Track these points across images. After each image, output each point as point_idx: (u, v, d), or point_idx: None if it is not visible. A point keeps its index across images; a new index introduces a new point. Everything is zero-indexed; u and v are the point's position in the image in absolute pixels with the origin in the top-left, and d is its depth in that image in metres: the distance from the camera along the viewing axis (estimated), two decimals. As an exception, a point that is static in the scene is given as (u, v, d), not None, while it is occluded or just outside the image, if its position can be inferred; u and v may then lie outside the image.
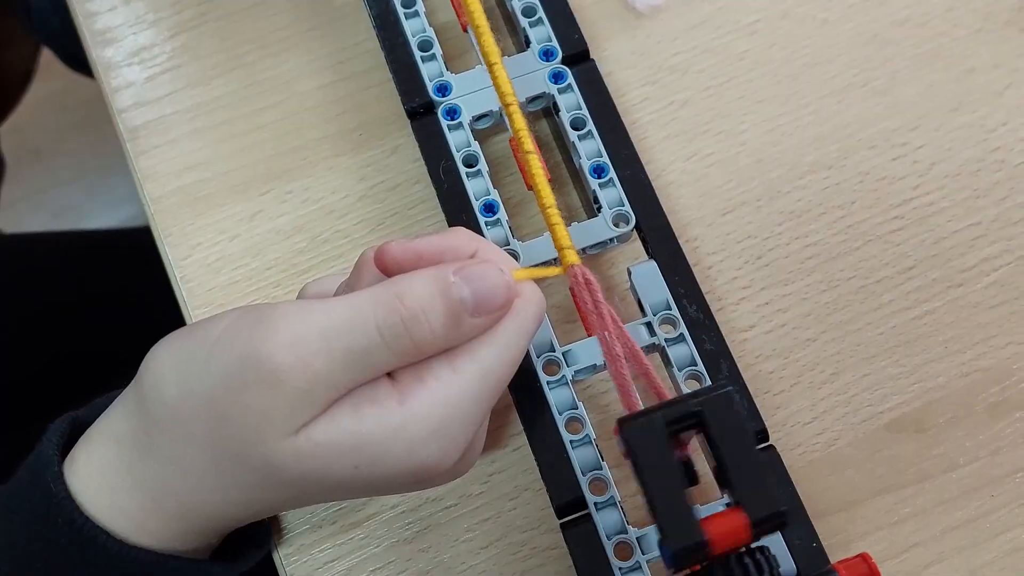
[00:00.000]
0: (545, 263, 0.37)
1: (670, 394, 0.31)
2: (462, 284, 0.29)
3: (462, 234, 0.32)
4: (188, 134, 0.43)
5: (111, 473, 0.31)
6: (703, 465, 0.30)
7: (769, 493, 0.28)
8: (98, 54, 0.45)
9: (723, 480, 0.28)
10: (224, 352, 0.28)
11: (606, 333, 0.31)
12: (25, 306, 0.64)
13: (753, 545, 0.29)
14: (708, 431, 0.28)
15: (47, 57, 0.83)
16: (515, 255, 0.38)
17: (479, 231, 0.38)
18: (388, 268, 0.31)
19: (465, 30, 0.41)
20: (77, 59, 0.45)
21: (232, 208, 0.42)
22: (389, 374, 0.30)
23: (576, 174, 0.40)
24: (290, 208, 0.42)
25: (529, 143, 0.33)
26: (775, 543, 0.33)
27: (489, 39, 0.35)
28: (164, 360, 0.30)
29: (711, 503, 0.34)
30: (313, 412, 0.28)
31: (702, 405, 0.28)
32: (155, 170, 0.43)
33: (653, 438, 0.28)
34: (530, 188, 0.38)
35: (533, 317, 0.31)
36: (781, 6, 0.44)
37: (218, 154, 0.43)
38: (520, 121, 0.34)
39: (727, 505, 0.30)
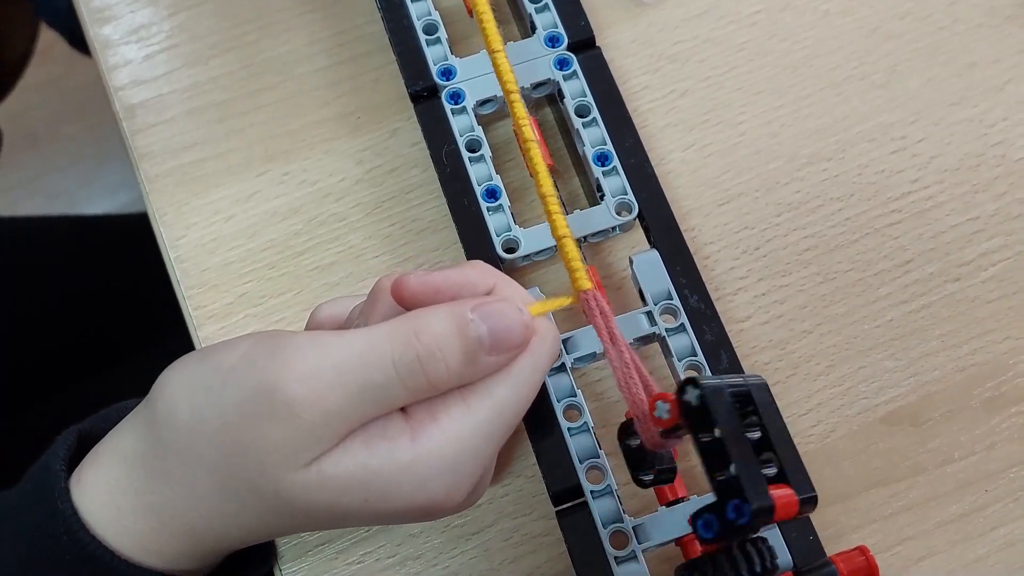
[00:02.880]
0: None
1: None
2: (479, 322, 0.29)
3: (480, 268, 0.31)
4: (185, 113, 0.43)
5: (119, 494, 0.31)
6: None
7: (808, 477, 0.29)
8: (96, 32, 0.44)
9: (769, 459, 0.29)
10: (239, 381, 0.28)
11: (622, 367, 0.31)
12: (16, 292, 0.64)
13: (752, 536, 0.29)
14: (757, 412, 0.28)
15: (44, 43, 0.82)
16: (516, 242, 0.37)
17: (481, 217, 0.38)
18: (405, 301, 0.30)
19: (471, 14, 0.41)
20: (84, 42, 0.45)
21: (228, 189, 0.42)
22: (403, 408, 0.29)
23: (579, 161, 0.39)
24: (287, 190, 0.41)
25: (530, 132, 0.33)
26: (772, 534, 0.33)
27: (492, 27, 0.35)
28: (177, 385, 0.29)
29: (704, 495, 0.34)
30: (325, 446, 0.28)
31: (750, 388, 0.29)
32: (151, 149, 0.42)
33: (725, 402, 0.28)
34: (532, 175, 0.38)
35: (548, 355, 0.30)
36: (783, -3, 0.44)
37: (215, 134, 0.42)
38: (521, 110, 0.33)
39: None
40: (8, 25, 0.80)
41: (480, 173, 0.38)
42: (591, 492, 0.34)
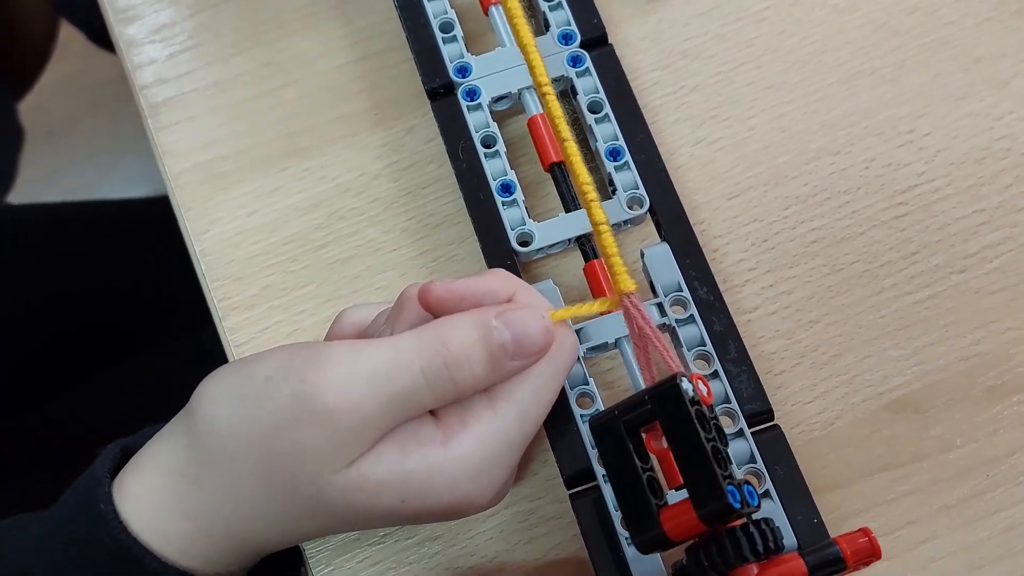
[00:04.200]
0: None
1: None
2: (503, 329, 0.31)
3: (501, 276, 0.33)
4: (208, 111, 0.44)
5: (160, 500, 0.32)
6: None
7: (713, 486, 0.28)
8: (120, 31, 0.46)
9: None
10: (276, 390, 0.30)
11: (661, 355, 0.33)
12: (37, 277, 0.65)
13: (757, 517, 0.30)
14: (661, 425, 0.30)
15: (63, 38, 0.84)
16: (530, 236, 0.39)
17: (496, 211, 0.39)
18: (432, 307, 0.32)
19: (486, 12, 0.42)
20: (104, 37, 0.46)
21: (251, 184, 0.43)
22: (432, 411, 0.31)
23: (592, 156, 0.41)
24: (307, 185, 0.43)
25: (567, 130, 0.34)
26: (777, 516, 0.34)
27: (524, 25, 0.36)
28: (216, 396, 0.31)
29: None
30: (361, 450, 0.30)
31: (651, 400, 0.30)
32: (175, 146, 0.44)
33: (614, 437, 0.30)
34: (547, 170, 0.39)
35: (567, 359, 0.33)
36: (792, -7, 0.45)
37: (237, 131, 0.44)
38: (557, 108, 0.34)
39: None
40: (28, 22, 0.82)
41: (495, 168, 0.39)
42: (602, 476, 0.35)
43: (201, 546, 0.32)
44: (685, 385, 0.29)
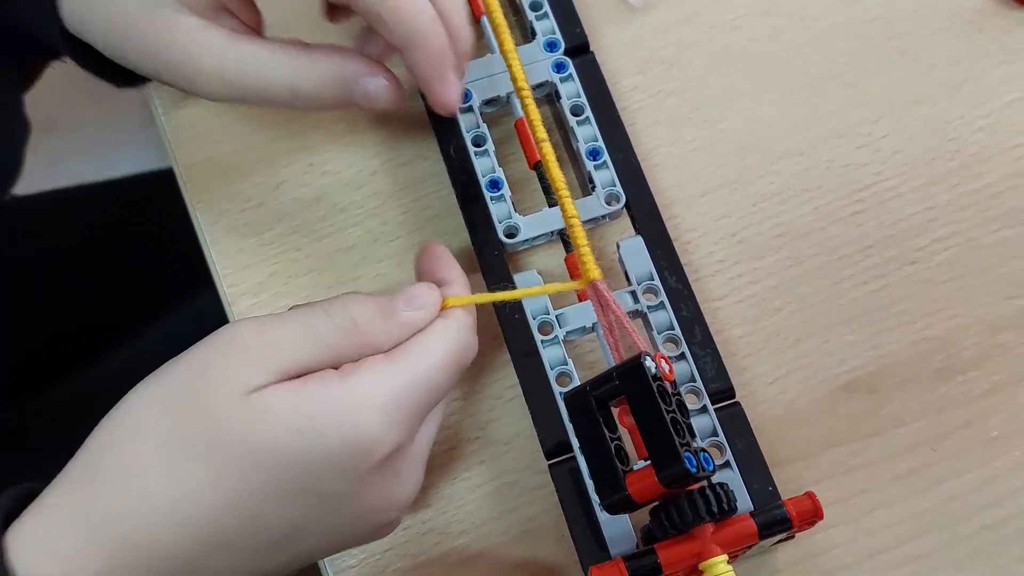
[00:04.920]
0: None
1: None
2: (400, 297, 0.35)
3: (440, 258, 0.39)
4: (218, 109, 0.47)
5: (51, 522, 0.31)
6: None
7: (672, 452, 0.32)
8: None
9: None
10: (186, 354, 0.33)
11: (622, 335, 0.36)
12: (41, 265, 0.67)
13: (714, 481, 0.34)
14: (627, 399, 0.33)
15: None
16: (516, 228, 0.42)
17: (485, 205, 0.42)
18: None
19: (478, 20, 0.45)
20: None
21: (258, 177, 0.46)
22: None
23: (574, 155, 0.44)
24: (311, 179, 0.46)
25: (542, 131, 0.38)
26: (736, 484, 0.38)
27: (506, 35, 0.39)
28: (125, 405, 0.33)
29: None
30: (267, 378, 0.31)
31: (618, 376, 0.33)
32: (187, 140, 0.47)
33: (585, 409, 0.34)
34: (531, 167, 0.43)
35: (459, 333, 0.35)
36: (762, 3, 0.48)
37: (246, 128, 0.47)
38: (534, 112, 0.38)
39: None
40: None
41: (484, 166, 0.43)
42: (578, 448, 0.39)
43: (93, 556, 0.31)
44: (648, 363, 0.33)
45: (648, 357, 0.33)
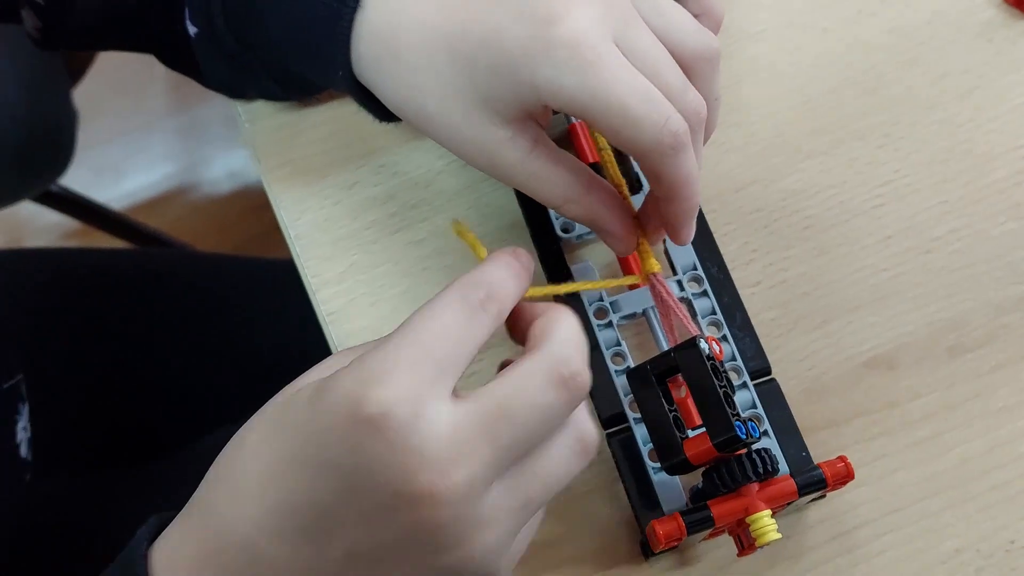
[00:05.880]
0: None
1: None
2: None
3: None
4: (297, 118, 0.52)
5: (178, 543, 0.34)
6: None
7: (725, 421, 0.36)
8: (220, 48, 0.53)
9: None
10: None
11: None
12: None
13: (758, 447, 0.39)
14: (684, 375, 0.38)
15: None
16: (571, 224, 0.47)
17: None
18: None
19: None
20: None
21: (334, 178, 0.51)
22: None
23: (623, 159, 0.49)
24: (382, 179, 0.51)
25: (603, 140, 0.42)
26: (773, 449, 0.43)
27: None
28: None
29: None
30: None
31: (676, 356, 0.38)
32: (270, 146, 0.51)
33: (647, 383, 0.39)
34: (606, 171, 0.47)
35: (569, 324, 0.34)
36: (786, 16, 0.53)
37: (322, 134, 0.52)
38: None
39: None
40: None
41: (543, 168, 0.47)
42: (633, 419, 0.44)
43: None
44: (703, 344, 0.38)
45: (702, 339, 0.38)
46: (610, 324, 0.45)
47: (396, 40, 0.39)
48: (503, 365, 0.35)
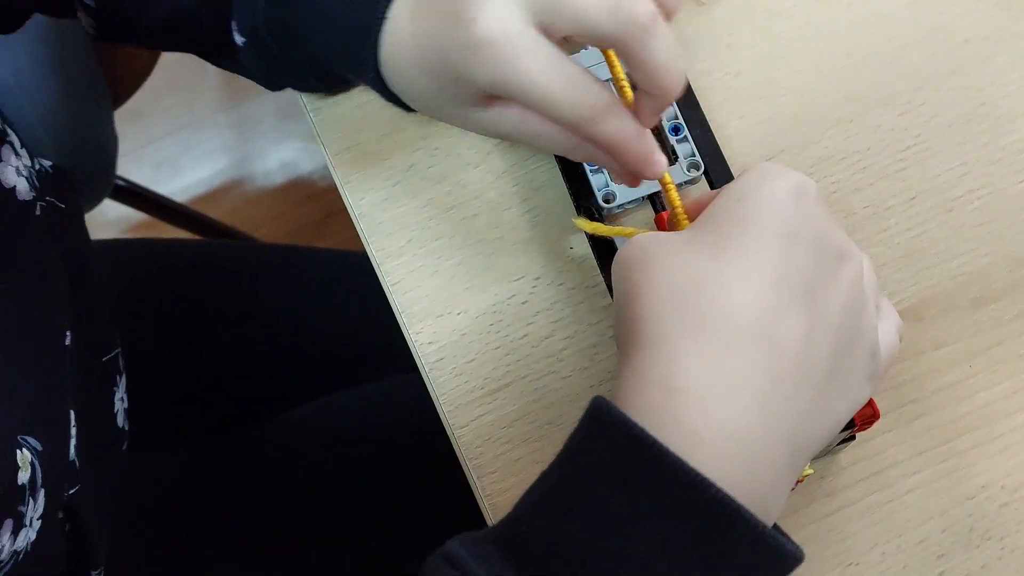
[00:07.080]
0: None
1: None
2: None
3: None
4: (358, 105, 0.56)
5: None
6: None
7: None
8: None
9: None
10: None
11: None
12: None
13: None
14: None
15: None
16: (612, 195, 0.51)
17: (585, 176, 0.51)
18: None
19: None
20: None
21: (394, 161, 0.55)
22: None
23: (657, 132, 0.52)
24: (436, 161, 0.55)
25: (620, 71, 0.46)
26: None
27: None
28: None
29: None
30: None
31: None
32: (333, 132, 0.56)
33: None
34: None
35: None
36: (813, -7, 0.56)
37: (380, 119, 0.56)
38: (631, 98, 0.46)
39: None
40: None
41: (585, 144, 0.51)
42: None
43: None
44: None
45: None
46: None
47: (396, 50, 0.44)
48: None
